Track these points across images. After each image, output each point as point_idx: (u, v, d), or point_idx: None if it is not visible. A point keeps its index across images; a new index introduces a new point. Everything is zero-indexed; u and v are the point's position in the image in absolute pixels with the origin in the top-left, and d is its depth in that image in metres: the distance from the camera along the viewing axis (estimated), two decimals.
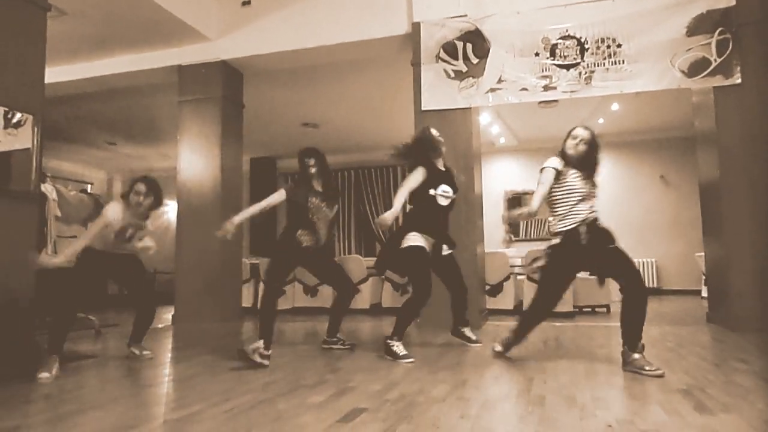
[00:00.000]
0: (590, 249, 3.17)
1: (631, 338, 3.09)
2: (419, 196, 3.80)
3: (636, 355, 3.04)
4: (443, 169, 3.95)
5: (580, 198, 3.22)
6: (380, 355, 3.70)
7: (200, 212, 6.42)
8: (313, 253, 3.89)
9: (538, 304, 3.42)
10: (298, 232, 3.82)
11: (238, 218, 3.79)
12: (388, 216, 3.56)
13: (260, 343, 3.44)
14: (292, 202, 3.88)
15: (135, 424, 2.24)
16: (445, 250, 3.91)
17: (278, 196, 3.85)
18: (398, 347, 3.60)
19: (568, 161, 3.28)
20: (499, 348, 3.57)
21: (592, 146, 3.27)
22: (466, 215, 5.38)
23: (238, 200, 6.83)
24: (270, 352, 3.49)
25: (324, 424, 2.14)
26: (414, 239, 3.73)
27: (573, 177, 3.25)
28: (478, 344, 4.06)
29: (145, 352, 3.86)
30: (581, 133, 3.29)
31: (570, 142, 3.28)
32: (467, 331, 4.13)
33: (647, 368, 2.95)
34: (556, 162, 3.29)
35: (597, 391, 2.62)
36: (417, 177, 3.78)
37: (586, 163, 3.27)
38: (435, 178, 3.81)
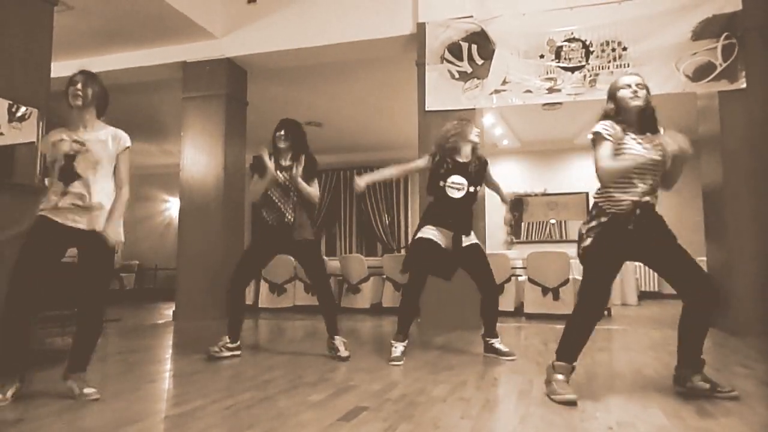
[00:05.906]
0: (639, 238, 2.52)
1: (692, 356, 2.57)
2: (432, 188, 3.64)
3: (698, 376, 2.55)
4: (465, 160, 3.63)
5: (641, 168, 2.50)
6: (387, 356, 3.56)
7: (203, 209, 6.43)
8: (283, 233, 3.58)
9: (584, 301, 2.66)
10: (263, 211, 3.65)
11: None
12: (361, 180, 3.57)
13: (225, 339, 3.65)
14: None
15: (137, 419, 2.25)
16: (465, 241, 3.60)
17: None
18: (396, 347, 3.51)
19: (628, 117, 2.57)
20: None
21: (648, 95, 2.58)
22: None
23: (240, 198, 6.83)
24: (237, 344, 3.69)
25: (324, 422, 2.14)
26: (424, 231, 3.58)
27: (631, 140, 2.53)
28: (511, 357, 3.59)
29: (87, 390, 2.51)
30: (634, 79, 2.58)
31: (625, 93, 2.56)
32: (496, 344, 3.68)
33: (719, 389, 2.50)
34: (608, 128, 2.54)
35: (598, 393, 2.62)
36: (417, 162, 3.78)
37: (646, 117, 2.58)
38: (447, 170, 3.58)
